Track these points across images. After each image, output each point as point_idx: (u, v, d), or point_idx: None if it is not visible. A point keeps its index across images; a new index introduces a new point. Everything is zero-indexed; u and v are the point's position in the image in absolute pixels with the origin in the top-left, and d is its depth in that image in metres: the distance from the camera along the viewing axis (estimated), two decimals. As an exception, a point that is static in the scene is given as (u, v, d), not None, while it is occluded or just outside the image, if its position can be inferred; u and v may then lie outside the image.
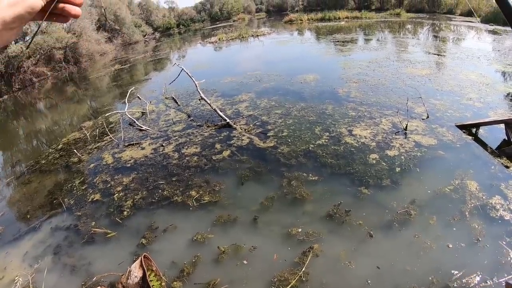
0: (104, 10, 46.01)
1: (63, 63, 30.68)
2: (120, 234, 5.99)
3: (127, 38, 51.33)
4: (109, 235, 5.95)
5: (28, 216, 7.06)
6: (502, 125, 7.44)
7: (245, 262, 4.91)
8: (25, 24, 0.87)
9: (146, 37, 59.76)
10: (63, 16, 0.97)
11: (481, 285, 4.08)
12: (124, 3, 56.87)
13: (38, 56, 28.10)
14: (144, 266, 4.52)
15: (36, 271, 5.45)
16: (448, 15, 40.02)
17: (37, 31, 1.45)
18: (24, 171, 9.49)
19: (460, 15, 40.27)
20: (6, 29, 0.82)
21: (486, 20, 32.22)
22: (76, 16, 0.96)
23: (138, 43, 50.69)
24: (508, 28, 26.47)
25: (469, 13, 38.18)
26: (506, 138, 7.33)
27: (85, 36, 34.92)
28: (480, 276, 4.19)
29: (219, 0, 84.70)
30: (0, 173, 9.86)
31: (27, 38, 28.56)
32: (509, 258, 4.42)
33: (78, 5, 0.97)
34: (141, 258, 4.63)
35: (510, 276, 4.13)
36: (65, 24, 34.56)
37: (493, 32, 24.68)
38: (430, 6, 47.64)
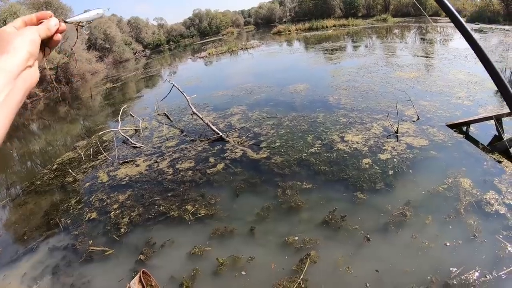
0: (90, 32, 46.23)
1: (54, 83, 30.67)
2: (118, 251, 5.95)
3: (117, 56, 51.55)
4: (107, 253, 5.92)
5: (25, 237, 7.00)
6: (493, 121, 7.49)
7: (243, 273, 4.90)
8: (36, 57, 0.91)
9: (136, 54, 60.07)
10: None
11: (480, 280, 4.09)
12: (114, 21, 57.20)
13: (30, 77, 28.11)
14: (143, 281, 4.51)
15: (35, 293, 5.43)
16: (434, 17, 40.38)
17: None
18: (19, 193, 9.45)
19: (445, 16, 40.55)
20: (27, 68, 0.86)
21: (471, 19, 32.59)
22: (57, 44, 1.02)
23: (128, 61, 50.90)
24: (494, 26, 26.83)
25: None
26: (497, 134, 7.38)
27: (76, 56, 35.02)
28: (479, 271, 4.20)
29: (208, 15, 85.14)
30: (-5, 195, 9.79)
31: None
32: (507, 252, 4.44)
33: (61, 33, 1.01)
34: (140, 274, 4.62)
35: (508, 269, 4.15)
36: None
37: (479, 31, 24.97)
38: (416, 10, 48.16)
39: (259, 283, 4.69)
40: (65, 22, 1.04)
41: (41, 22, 0.98)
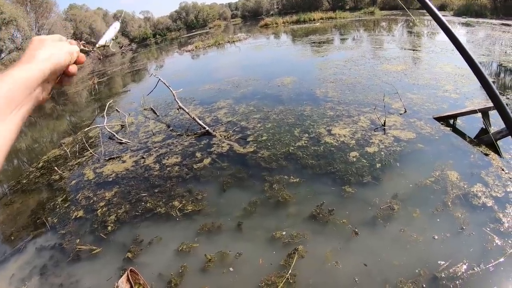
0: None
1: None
2: (106, 250, 5.86)
3: (103, 50, 51.04)
4: (95, 252, 5.83)
5: (12, 238, 6.87)
6: (479, 114, 7.53)
7: (231, 269, 4.85)
8: (56, 78, 0.93)
9: (122, 48, 59.52)
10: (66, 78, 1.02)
11: (468, 273, 4.09)
12: (99, 15, 56.65)
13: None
14: (131, 280, 4.44)
15: (22, 294, 5.34)
16: (421, 11, 40.53)
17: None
18: (6, 192, 9.27)
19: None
20: (45, 82, 0.87)
21: (459, 13, 32.79)
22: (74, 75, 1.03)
23: (115, 55, 50.35)
24: (481, 19, 27.02)
25: (441, 7, 38.82)
26: (484, 127, 7.41)
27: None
28: (467, 264, 4.20)
29: (195, 7, 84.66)
30: (-20, 196, 9.63)
31: (2, 55, 28.26)
32: (494, 244, 4.45)
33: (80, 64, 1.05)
34: (128, 273, 4.56)
35: (496, 262, 4.16)
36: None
37: (466, 24, 25.17)
38: (403, 3, 48.31)
39: (248, 279, 4.65)
40: (96, 47, 1.10)
41: None
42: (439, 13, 1.19)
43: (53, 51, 0.89)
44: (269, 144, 8.36)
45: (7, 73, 0.78)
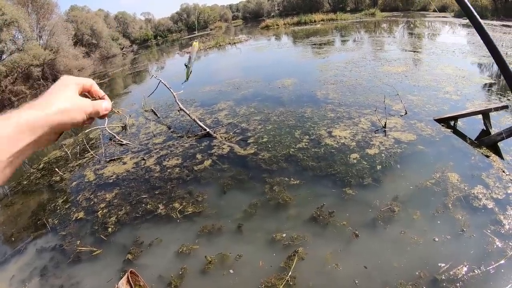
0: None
1: (41, 80, 30.34)
2: (106, 251, 5.87)
3: (104, 52, 51.17)
4: (95, 253, 5.83)
5: (13, 239, 6.88)
6: (480, 116, 7.53)
7: (231, 271, 4.85)
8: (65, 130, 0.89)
9: (123, 50, 59.64)
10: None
11: (468, 275, 4.08)
12: (101, 16, 56.73)
13: (16, 74, 27.80)
14: (131, 282, 4.44)
15: (23, 295, 5.34)
16: (422, 12, 40.69)
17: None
18: (6, 193, 9.28)
19: (433, 11, 40.94)
20: (51, 133, 0.84)
21: (459, 14, 32.73)
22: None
23: (116, 57, 50.52)
24: (482, 21, 26.95)
25: (442, 9, 38.83)
26: (485, 128, 7.41)
27: (63, 52, 34.63)
28: (467, 266, 4.20)
29: (196, 9, 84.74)
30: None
31: (4, 56, 28.34)
32: (495, 246, 4.44)
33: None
34: (128, 274, 4.55)
35: (497, 264, 4.15)
36: (41, 41, 34.39)
37: (467, 26, 25.10)
38: (404, 4, 48.38)
39: (248, 281, 4.65)
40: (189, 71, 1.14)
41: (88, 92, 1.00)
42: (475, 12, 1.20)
43: (72, 106, 0.87)
44: (269, 146, 8.36)
45: (17, 112, 0.77)
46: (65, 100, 0.86)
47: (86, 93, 0.99)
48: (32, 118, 0.78)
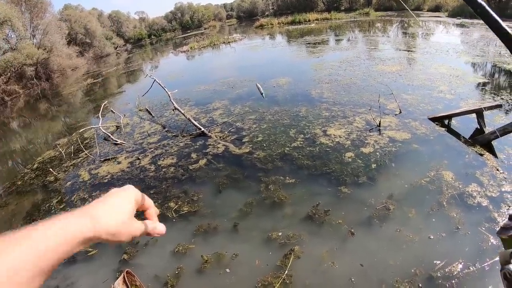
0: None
1: (34, 79, 30.20)
2: (102, 251, 5.81)
3: (98, 51, 51.03)
4: (91, 253, 5.79)
5: (6, 240, 6.85)
6: (474, 115, 7.56)
7: (227, 270, 4.84)
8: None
9: (117, 49, 59.57)
10: None
11: (464, 272, 4.10)
12: (94, 15, 56.51)
13: (9, 74, 27.66)
14: (127, 282, 4.43)
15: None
16: (416, 12, 40.77)
17: None
18: (0, 194, 9.22)
19: (428, 10, 41.17)
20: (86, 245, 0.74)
21: (453, 14, 32.91)
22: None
23: (110, 56, 50.39)
24: (475, 21, 27.14)
25: (436, 9, 39.00)
26: (478, 127, 7.45)
27: (56, 51, 34.48)
28: (462, 263, 4.22)
29: (190, 8, 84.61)
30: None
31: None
32: (489, 244, 4.47)
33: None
34: (124, 274, 4.54)
35: (491, 261, 4.17)
36: (34, 40, 34.23)
37: (461, 25, 25.29)
38: (398, 4, 48.44)
39: (244, 280, 4.64)
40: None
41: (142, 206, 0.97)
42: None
43: (123, 230, 0.81)
44: (264, 145, 8.36)
45: (65, 218, 0.72)
46: (120, 220, 0.81)
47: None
48: (80, 233, 0.71)
